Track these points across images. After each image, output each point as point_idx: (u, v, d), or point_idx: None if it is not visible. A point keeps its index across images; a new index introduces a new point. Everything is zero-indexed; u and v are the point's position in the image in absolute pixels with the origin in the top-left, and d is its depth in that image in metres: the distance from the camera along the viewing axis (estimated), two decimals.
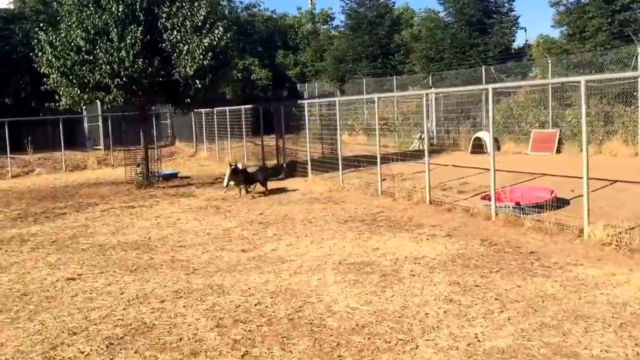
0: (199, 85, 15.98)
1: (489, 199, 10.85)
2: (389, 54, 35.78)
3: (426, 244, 8.94)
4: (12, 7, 31.53)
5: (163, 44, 15.94)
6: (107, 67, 15.10)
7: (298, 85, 41.99)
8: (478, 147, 20.27)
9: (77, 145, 28.35)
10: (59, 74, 15.60)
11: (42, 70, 16.04)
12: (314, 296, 6.74)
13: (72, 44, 15.36)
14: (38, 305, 6.86)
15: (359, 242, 9.25)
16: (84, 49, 15.34)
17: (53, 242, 10.23)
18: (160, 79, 15.79)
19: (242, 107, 22.13)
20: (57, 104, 16.70)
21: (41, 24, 15.76)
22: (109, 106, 16.29)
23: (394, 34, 36.11)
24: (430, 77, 27.25)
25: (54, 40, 15.57)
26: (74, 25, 15.36)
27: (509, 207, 10.54)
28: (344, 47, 37.18)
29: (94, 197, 15.84)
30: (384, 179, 15.18)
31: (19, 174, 23.06)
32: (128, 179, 18.17)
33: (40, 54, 15.87)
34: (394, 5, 39.96)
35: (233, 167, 14.82)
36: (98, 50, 15.19)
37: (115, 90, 15.58)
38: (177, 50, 15.83)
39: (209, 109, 23.61)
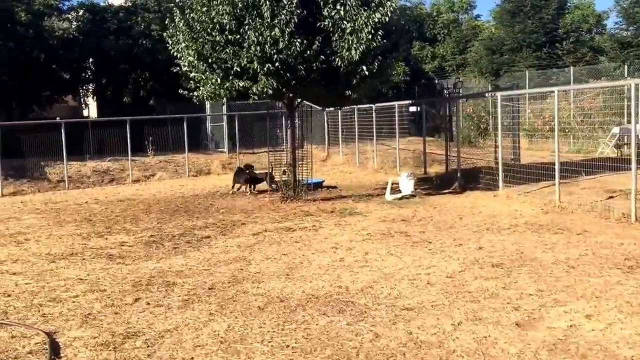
0: (366, 72, 12.57)
1: None
2: (555, 41, 30.65)
3: None
4: None
5: (321, 23, 12.62)
6: (257, 48, 11.97)
7: (436, 80, 37.51)
8: None
9: (200, 148, 25.66)
10: (196, 57, 12.68)
11: (174, 53, 13.25)
12: None
13: (215, 20, 12.35)
14: None
15: None
16: (228, 26, 12.31)
17: (210, 289, 6.95)
18: (319, 65, 12.45)
19: (396, 103, 18.49)
20: (191, 94, 13.73)
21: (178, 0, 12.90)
22: (256, 97, 12.97)
23: (561, 18, 30.85)
24: (625, 67, 22.46)
25: (190, 19, 12.72)
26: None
27: None
28: (501, 35, 32.15)
29: (235, 211, 12.71)
30: (611, 197, 11.78)
31: (140, 179, 20.55)
32: (269, 188, 15.05)
33: (176, 32, 13.02)
34: None
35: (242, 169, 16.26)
36: (247, 28, 12.10)
37: (264, 78, 12.37)
38: (340, 29, 12.50)
39: (360, 106, 19.90)
